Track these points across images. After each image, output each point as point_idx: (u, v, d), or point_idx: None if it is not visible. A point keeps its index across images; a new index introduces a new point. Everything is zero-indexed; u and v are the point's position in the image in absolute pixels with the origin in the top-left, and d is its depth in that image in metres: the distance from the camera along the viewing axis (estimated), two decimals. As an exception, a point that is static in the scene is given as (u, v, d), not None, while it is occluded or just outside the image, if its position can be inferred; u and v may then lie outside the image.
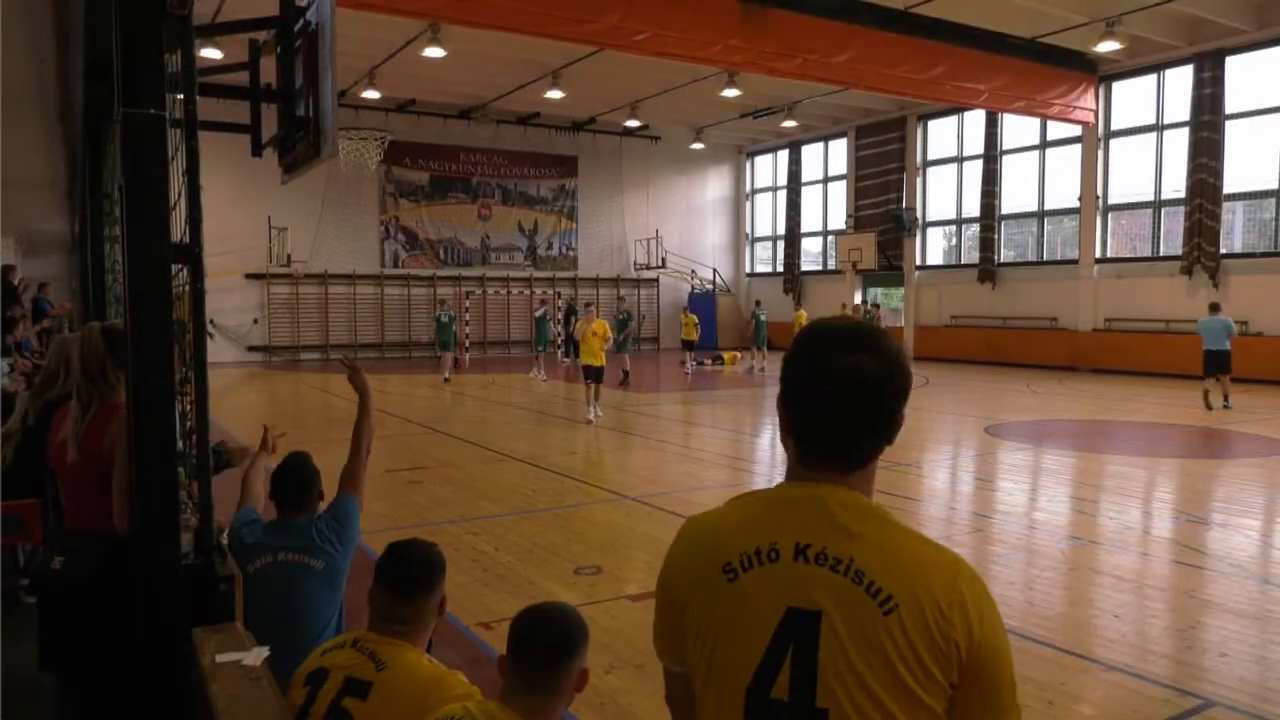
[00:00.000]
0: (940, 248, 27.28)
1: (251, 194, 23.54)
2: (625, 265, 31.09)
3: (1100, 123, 21.80)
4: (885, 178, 27.25)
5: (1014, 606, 5.30)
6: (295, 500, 3.24)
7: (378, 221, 27.16)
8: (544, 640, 2.01)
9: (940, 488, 9.04)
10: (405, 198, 27.56)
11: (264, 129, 4.43)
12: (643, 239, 30.61)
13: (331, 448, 11.20)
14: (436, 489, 8.55)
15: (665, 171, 31.46)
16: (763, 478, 9.50)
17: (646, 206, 31.23)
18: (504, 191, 29.10)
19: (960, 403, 15.72)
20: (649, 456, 10.40)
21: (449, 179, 28.18)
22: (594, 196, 30.45)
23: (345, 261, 26.47)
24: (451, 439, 11.71)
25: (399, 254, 27.55)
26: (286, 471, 3.29)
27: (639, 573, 6.02)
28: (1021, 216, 24.46)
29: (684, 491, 8.36)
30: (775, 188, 32.25)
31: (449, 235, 28.27)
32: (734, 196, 33.30)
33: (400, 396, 16.96)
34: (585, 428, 12.87)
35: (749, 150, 32.88)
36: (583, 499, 8.18)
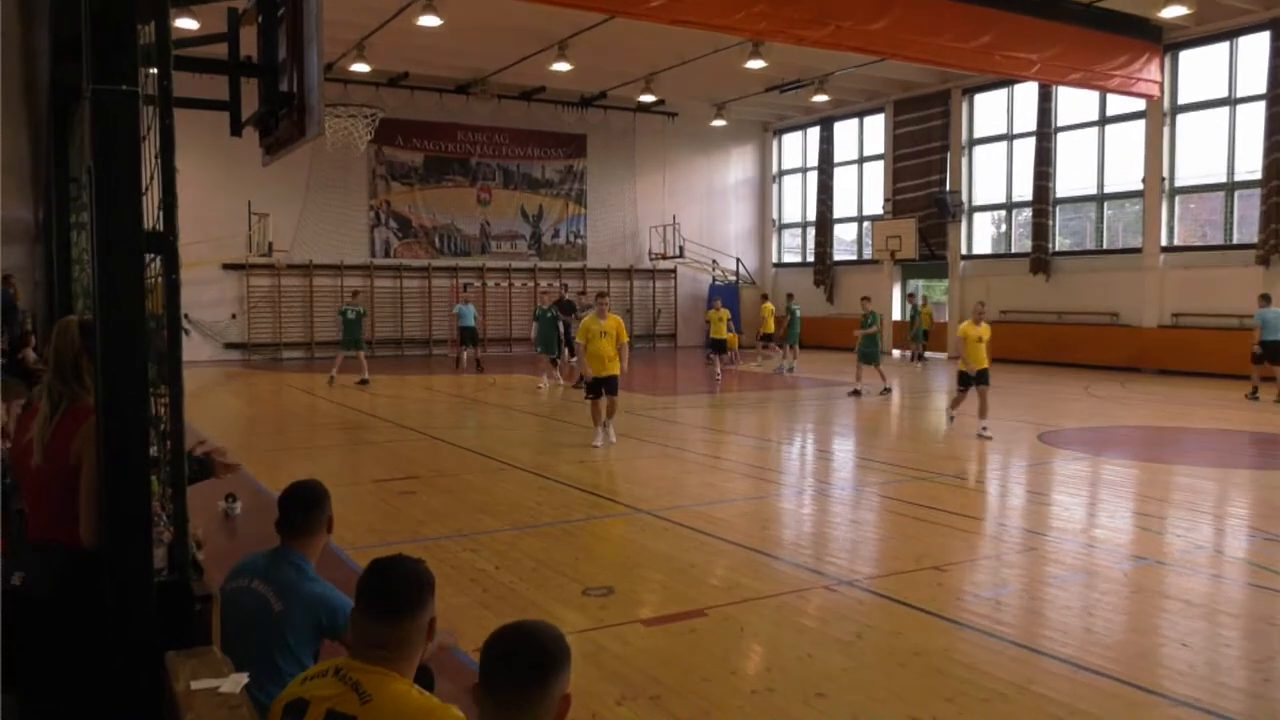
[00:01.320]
0: (988, 235, 27.12)
1: (230, 177, 23.65)
2: (639, 255, 31.10)
3: (1166, 96, 21.64)
4: (926, 158, 27.14)
5: (1071, 634, 5.27)
6: (293, 526, 3.25)
7: (367, 207, 27.29)
8: (521, 661, 1.98)
9: (989, 502, 8.99)
10: (397, 180, 27.67)
11: (244, 106, 4.45)
12: (658, 226, 30.61)
13: (317, 455, 11.29)
14: (431, 501, 8.57)
15: (683, 151, 31.45)
16: (790, 489, 9.49)
17: (662, 190, 31.22)
18: (505, 173, 29.17)
19: (1010, 407, 15.63)
20: (666, 466, 10.40)
21: (445, 160, 28.27)
22: (604, 179, 30.47)
23: (332, 250, 26.61)
24: (447, 446, 11.74)
25: (390, 242, 27.67)
26: (287, 495, 3.31)
27: (654, 594, 6.02)
28: (1078, 200, 24.30)
29: (704, 505, 8.35)
30: (804, 169, 32.17)
31: (445, 222, 28.36)
32: (759, 179, 33.24)
33: (391, 399, 17.03)
34: (591, 434, 12.88)
35: (775, 128, 32.81)
36: (592, 513, 8.18)
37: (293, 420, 14.91)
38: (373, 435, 12.85)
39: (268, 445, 11.99)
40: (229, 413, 15.55)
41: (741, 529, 7.55)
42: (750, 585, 6.12)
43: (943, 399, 17.99)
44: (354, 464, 10.72)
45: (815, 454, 11.81)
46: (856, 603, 5.77)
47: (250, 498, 8.25)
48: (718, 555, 6.85)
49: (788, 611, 5.61)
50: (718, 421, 14.51)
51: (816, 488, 9.47)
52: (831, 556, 6.80)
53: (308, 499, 3.30)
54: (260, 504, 8.15)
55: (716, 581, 6.26)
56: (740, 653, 5.03)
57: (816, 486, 9.53)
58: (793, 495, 9.23)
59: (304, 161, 24.85)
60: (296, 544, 3.24)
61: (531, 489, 9.10)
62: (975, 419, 12.65)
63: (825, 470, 10.58)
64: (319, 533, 3.28)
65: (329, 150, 22.34)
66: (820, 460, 11.30)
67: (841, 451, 12.03)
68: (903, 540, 7.30)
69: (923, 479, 9.59)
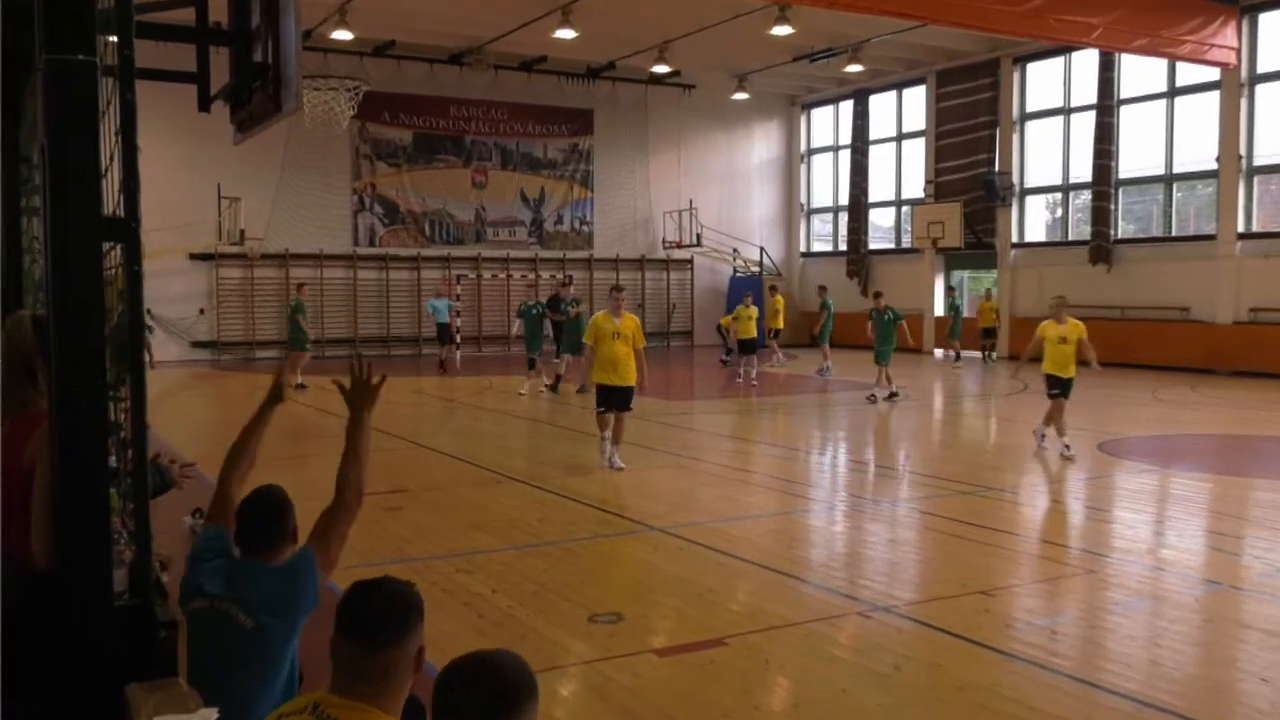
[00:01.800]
0: (1042, 221, 27.01)
1: (198, 158, 23.76)
2: (652, 243, 31.13)
3: (1243, 64, 21.51)
4: (973, 134, 27.06)
5: (1135, 666, 5.24)
6: (255, 540, 3.27)
7: (350, 190, 27.40)
8: (482, 692, 1.94)
9: (1043, 519, 8.96)
10: (383, 161, 27.77)
11: (213, 78, 4.47)
12: (673, 211, 30.63)
13: (295, 465, 11.33)
14: (420, 517, 8.59)
15: (701, 128, 31.47)
16: (820, 503, 9.47)
17: (678, 171, 31.24)
18: (503, 153, 29.24)
19: (1067, 412, 15.56)
20: (681, 478, 10.40)
21: (436, 138, 28.36)
22: (613, 159, 30.51)
23: (310, 239, 26.73)
24: (438, 455, 11.76)
25: (375, 229, 27.78)
26: (248, 505, 3.32)
27: (668, 621, 6.02)
28: (1144, 182, 24.19)
29: (723, 521, 8.35)
30: (836, 147, 32.12)
31: (436, 206, 28.45)
32: (785, 158, 33.22)
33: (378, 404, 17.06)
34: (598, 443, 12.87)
35: (804, 101, 32.77)
36: (599, 530, 8.19)
37: (268, 427, 14.93)
38: (355, 444, 12.86)
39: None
40: (197, 419, 15.62)
41: (765, 548, 7.54)
42: (775, 611, 6.11)
43: (988, 404, 17.93)
44: (331, 475, 10.72)
45: (848, 465, 11.78)
46: (894, 631, 5.75)
47: (220, 513, 8.28)
48: (739, 578, 6.84)
49: (817, 641, 5.60)
50: (739, 428, 14.50)
51: (849, 503, 9.45)
52: (866, 579, 6.79)
53: (267, 508, 3.31)
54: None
55: (738, 607, 6.26)
56: (764, 687, 5.02)
57: (849, 501, 9.51)
58: (823, 511, 9.21)
59: (279, 140, 24.97)
60: (261, 557, 3.25)
61: (531, 503, 9.10)
62: (1043, 431, 11.90)
63: (859, 483, 10.56)
64: (284, 542, 3.28)
65: (307, 127, 22.44)
66: (854, 472, 11.28)
67: (877, 462, 12.00)
68: (946, 562, 7.27)
69: (968, 493, 9.56)
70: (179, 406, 16.78)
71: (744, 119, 32.11)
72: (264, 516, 3.30)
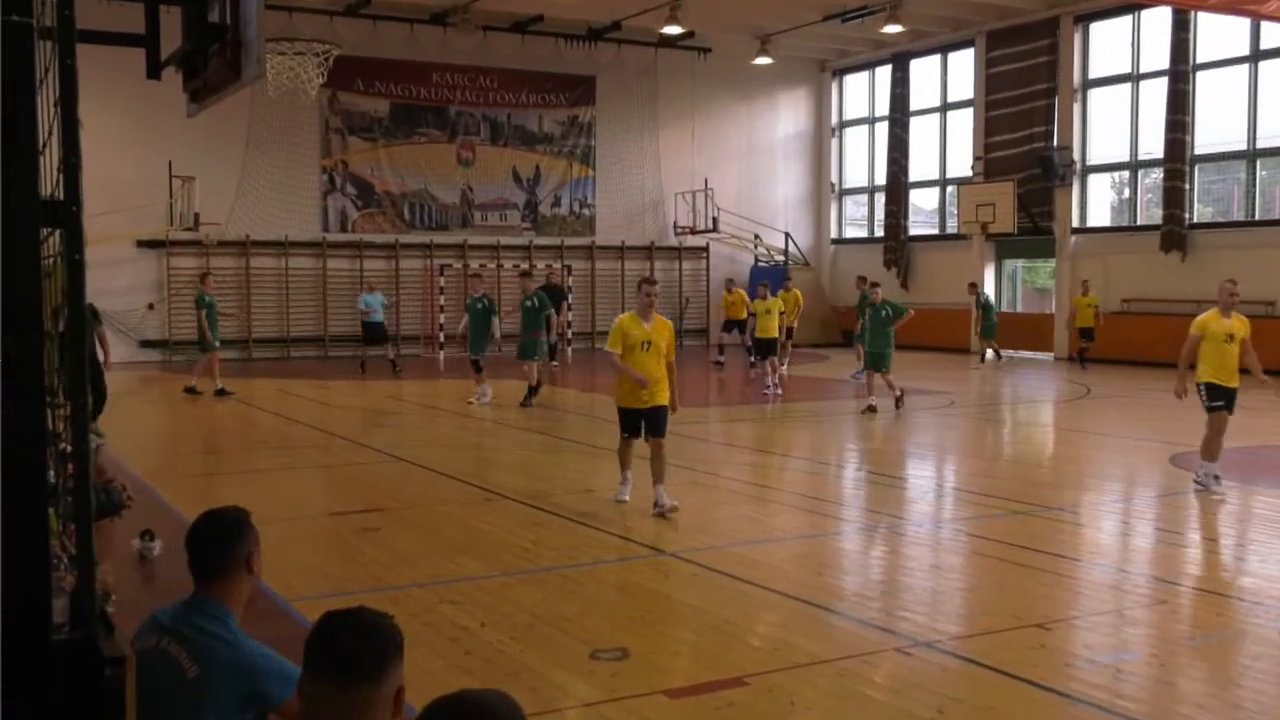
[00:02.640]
0: (1106, 202, 26.95)
1: (147, 132, 23.81)
2: (662, 229, 31.14)
3: (1337, 24, 21.44)
4: (1028, 104, 27.02)
5: (1212, 710, 5.23)
6: (200, 570, 3.26)
7: (319, 169, 27.47)
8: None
9: (1107, 541, 8.95)
10: (357, 135, 27.84)
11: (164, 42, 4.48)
12: (686, 192, 30.65)
13: (257, 481, 11.37)
14: (399, 539, 8.61)
15: (718, 98, 31.48)
16: (853, 524, 9.46)
17: (691, 146, 31.25)
18: (493, 126, 29.28)
19: (1135, 421, 15.52)
20: (695, 496, 10.41)
21: (417, 109, 28.42)
22: (618, 133, 30.53)
23: (274, 224, 26.80)
24: (420, 470, 11.79)
25: (348, 213, 27.85)
26: (196, 530, 3.31)
27: (680, 658, 6.02)
28: (1223, 158, 24.12)
29: (744, 545, 8.35)
30: (872, 119, 32.09)
31: (417, 187, 28.50)
32: (814, 132, 33.20)
33: (349, 411, 17.10)
34: (603, 457, 12.87)
35: (835, 67, 32.75)
36: (602, 554, 8.20)
37: (226, 437, 14.99)
38: (326, 456, 12.90)
39: (194, 469, 12.07)
40: (146, 428, 15.67)
41: (791, 575, 7.54)
42: (802, 647, 6.11)
43: (1037, 410, 17.88)
44: (302, 492, 10.78)
45: (885, 481, 11.77)
46: (938, 670, 5.75)
47: (173, 535, 8.29)
48: (761, 608, 6.84)
49: (850, 680, 5.60)
50: (761, 439, 14.48)
51: (886, 524, 9.44)
52: (906, 610, 6.78)
53: (219, 531, 3.30)
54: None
55: (759, 642, 6.26)
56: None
57: (886, 522, 9.50)
58: (856, 533, 9.21)
59: (240, 112, 25.01)
60: (212, 589, 3.24)
61: (525, 524, 9.11)
62: (1212, 471, 10.43)
63: (897, 502, 10.55)
64: (237, 573, 3.27)
65: (271, 97, 22.48)
66: (891, 489, 11.27)
67: (919, 478, 11.99)
68: (996, 590, 7.27)
69: (1022, 513, 9.55)
70: (125, 414, 16.82)
71: (767, 87, 32.09)
72: (210, 542, 3.29)
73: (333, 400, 18.80)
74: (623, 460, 9.80)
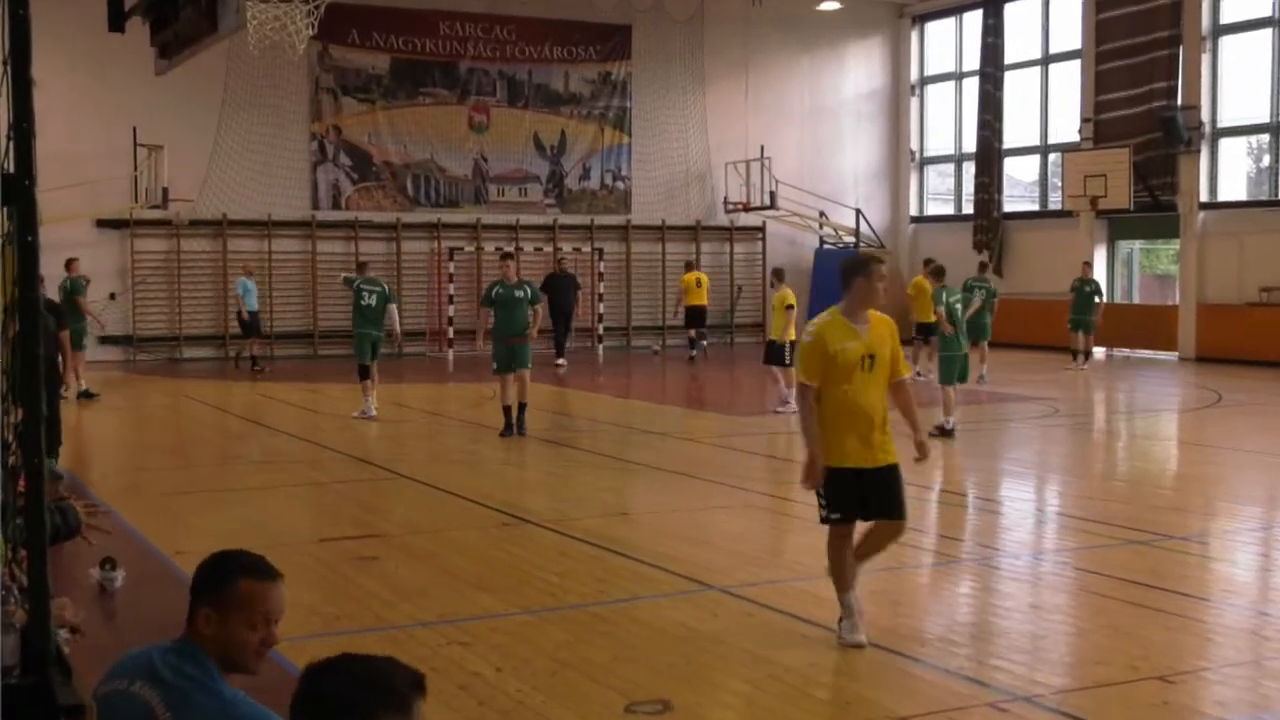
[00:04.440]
0: (1242, 172, 26.62)
1: (108, 94, 24.04)
2: (709, 205, 31.08)
3: None
4: (1147, 55, 26.74)
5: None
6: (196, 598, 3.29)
7: (307, 135, 27.62)
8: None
9: (1242, 578, 8.84)
10: (352, 96, 27.96)
11: (130, -13, 4.53)
12: (738, 161, 30.58)
13: (236, 501, 11.42)
14: (401, 570, 8.62)
15: (776, 50, 31.39)
16: (937, 556, 9.40)
17: (744, 108, 31.17)
18: (511, 85, 29.32)
19: (1275, 433, 15.41)
20: (748, 521, 10.37)
21: (421, 65, 28.50)
22: (658, 92, 30.49)
23: (256, 200, 26.96)
24: (425, 489, 11.81)
25: (341, 187, 27.99)
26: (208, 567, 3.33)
27: (732, 712, 6.00)
28: (1383, 118, 23.75)
29: (806, 579, 8.29)
30: (959, 74, 31.88)
31: (422, 156, 28.60)
32: (890, 90, 33.02)
33: (343, 419, 17.20)
34: (640, 473, 12.87)
35: (915, 13, 32.58)
36: (639, 589, 8.18)
37: (200, 450, 15.08)
38: (315, 472, 12.95)
39: (163, 486, 12.15)
40: (107, 439, 15.81)
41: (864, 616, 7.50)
42: (877, 700, 6.08)
43: (1158, 421, 17.69)
44: (288, 515, 10.82)
45: (975, 504, 11.69)
46: (1039, 729, 5.71)
47: (136, 564, 8.37)
48: (827, 654, 6.81)
49: (934, 741, 5.56)
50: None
51: (977, 555, 9.37)
52: (1000, 658, 6.74)
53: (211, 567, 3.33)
54: (151, 573, 8.25)
55: (825, 694, 6.23)
56: (862, 802, 5.01)
57: (977, 553, 9.44)
58: (941, 566, 9.15)
59: (215, 70, 25.18)
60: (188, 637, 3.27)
61: (550, 553, 9.11)
62: None
63: (990, 529, 10.48)
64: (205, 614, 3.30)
65: (252, 52, 22.61)
66: (982, 513, 11.19)
67: (1016, 500, 11.89)
68: (1109, 635, 7.20)
69: (1140, 542, 9.45)
70: (85, 422, 17.00)
71: (834, 36, 31.97)
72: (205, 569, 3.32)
73: (323, 406, 18.89)
74: (841, 569, 6.95)
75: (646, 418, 17.86)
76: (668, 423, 17.26)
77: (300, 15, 21.15)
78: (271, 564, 3.26)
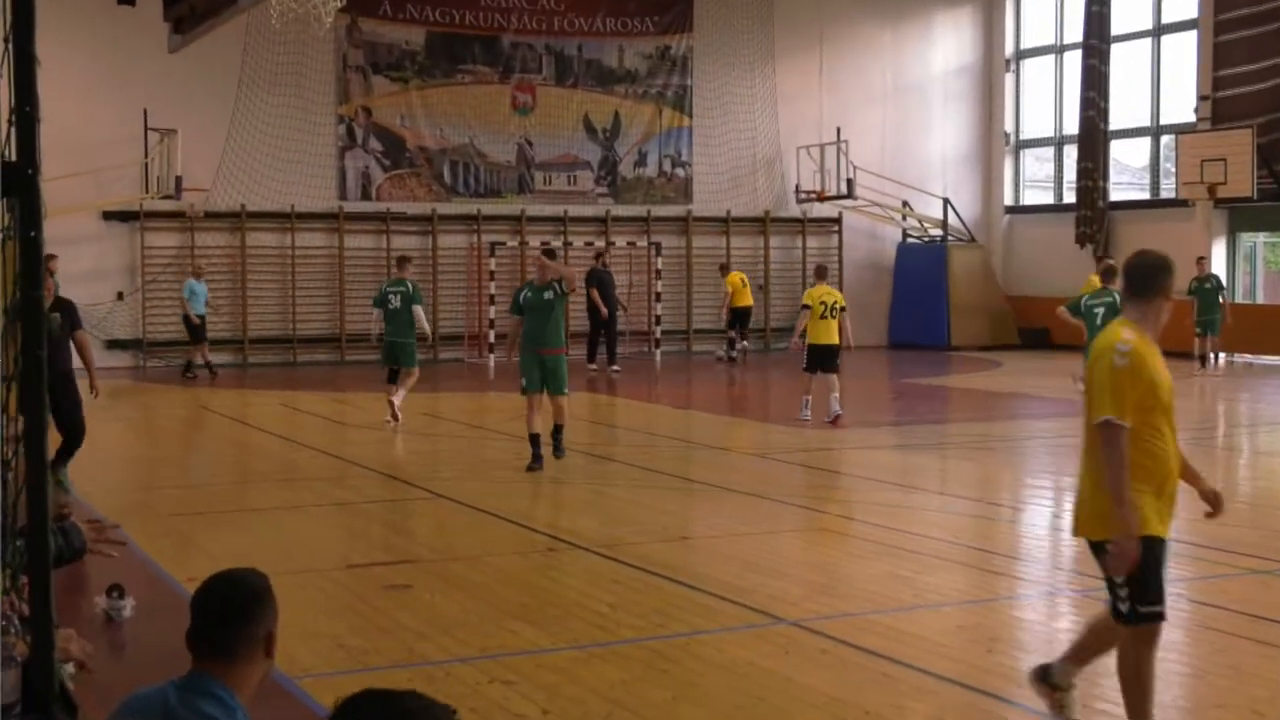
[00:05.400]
0: (1382, 154, 26.27)
1: (117, 73, 24.32)
2: (779, 195, 31.05)
3: None
4: (1273, 24, 26.45)
5: None
6: (214, 643, 3.31)
7: (334, 118, 27.83)
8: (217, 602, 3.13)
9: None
10: (383, 74, 28.15)
11: (140, -42, 4.60)
12: (811, 145, 30.53)
13: (254, 522, 11.51)
14: (437, 600, 8.66)
15: (854, 20, 31.38)
16: (1036, 585, 9.32)
17: (819, 87, 31.10)
18: (559, 61, 29.41)
19: None
20: (823, 546, 10.33)
21: (460, 39, 28.66)
22: (722, 69, 30.50)
23: (278, 190, 27.22)
24: (464, 509, 11.84)
25: (372, 175, 28.18)
26: (206, 594, 3.36)
27: (804, 759, 5.99)
28: None
29: (888, 612, 8.27)
30: (1060, 47, 31.69)
31: (460, 141, 28.75)
32: (983, 66, 32.85)
33: (372, 432, 17.29)
34: (701, 493, 12.85)
35: (1010, -23, 32.44)
36: (701, 622, 8.16)
37: (216, 466, 15.22)
38: (342, 491, 13.02)
39: (174, 506, 12.26)
40: (114, 453, 15.97)
41: (952, 653, 7.46)
42: (967, 748, 6.04)
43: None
44: (311, 538, 10.89)
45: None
46: (1150, 782, 5.65)
47: (146, 591, 8.44)
48: (914, 697, 6.78)
49: (1031, 794, 5.52)
50: (910, 471, 14.33)
51: (1078, 585, 9.27)
52: (1107, 700, 6.67)
53: (237, 600, 3.34)
54: (163, 602, 8.31)
55: (909, 741, 6.21)
56: None
57: (1078, 583, 9.34)
58: (1040, 597, 9.09)
59: (233, 47, 25.43)
60: (218, 669, 3.29)
61: (601, 582, 9.11)
62: None
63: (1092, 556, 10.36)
64: (254, 655, 3.33)
65: (274, 27, 22.84)
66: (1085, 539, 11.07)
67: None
68: (1229, 676, 7.12)
69: (1266, 572, 9.35)
70: (91, 434, 17.16)
71: (920, 5, 31.93)
72: (226, 614, 3.33)
73: (351, 418, 19.00)
74: (1148, 691, 5.99)
75: (708, 430, 17.86)
76: (731, 436, 17.25)
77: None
78: None
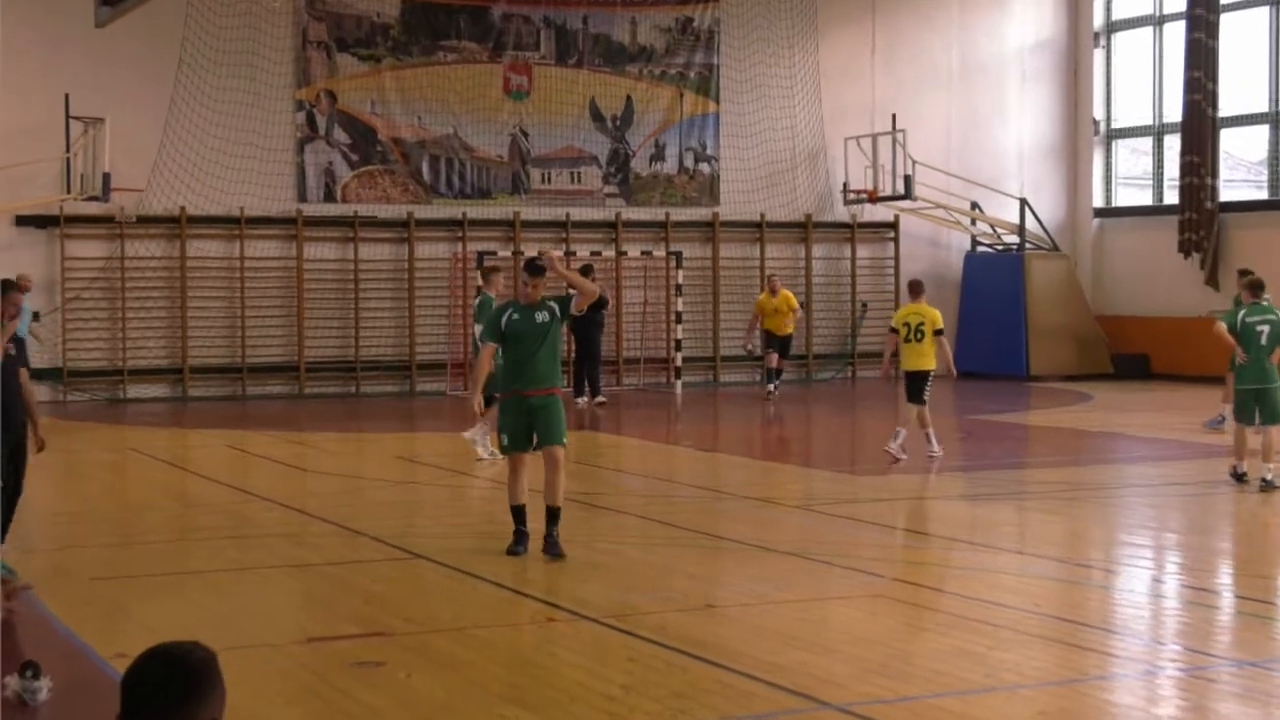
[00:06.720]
0: None
1: (35, 52, 24.43)
2: (823, 197, 31.11)
3: None
4: None
5: None
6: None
7: (291, 105, 27.92)
8: None
9: None
10: (349, 52, 28.25)
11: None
12: (862, 136, 30.56)
13: (196, 588, 11.47)
14: (415, 680, 8.63)
15: (910, -12, 31.48)
16: (1133, 664, 9.27)
17: (869, 66, 31.18)
18: (560, 36, 29.50)
19: None
20: (879, 616, 10.30)
21: (442, 9, 28.78)
22: (754, 44, 30.61)
23: (224, 190, 27.27)
24: (446, 572, 11.84)
25: (337, 172, 28.24)
26: (142, 674, 3.35)
27: None
28: None
29: (956, 694, 8.24)
30: (1159, 18, 31.77)
31: (443, 131, 28.82)
32: (1067, 41, 32.95)
33: (335, 479, 17.28)
34: (731, 552, 12.82)
35: (1098, -64, 32.55)
36: (729, 706, 8.14)
37: (151, 520, 15.20)
38: (302, 550, 13.04)
39: (100, 569, 12.26)
40: (27, 506, 15.96)
41: (1033, 747, 7.42)
42: None
43: None
44: (265, 606, 10.87)
45: (1181, 596, 11.54)
46: None
47: (65, 670, 8.43)
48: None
49: None
50: (982, 527, 14.31)
51: (1185, 663, 9.25)
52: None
53: (177, 680, 3.33)
54: (85, 682, 8.31)
55: None
56: None
57: (1184, 661, 9.31)
58: (1137, 677, 9.06)
59: (173, 20, 25.57)
60: None
61: (612, 659, 9.10)
62: None
63: (1202, 630, 10.34)
64: None
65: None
66: (1191, 608, 11.03)
67: (1238, 593, 11.75)
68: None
69: None
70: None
71: (989, -29, 32.03)
72: (165, 696, 3.32)
73: (312, 463, 19.00)
74: None
75: (739, 477, 17.83)
76: (768, 484, 17.21)
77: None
78: None
